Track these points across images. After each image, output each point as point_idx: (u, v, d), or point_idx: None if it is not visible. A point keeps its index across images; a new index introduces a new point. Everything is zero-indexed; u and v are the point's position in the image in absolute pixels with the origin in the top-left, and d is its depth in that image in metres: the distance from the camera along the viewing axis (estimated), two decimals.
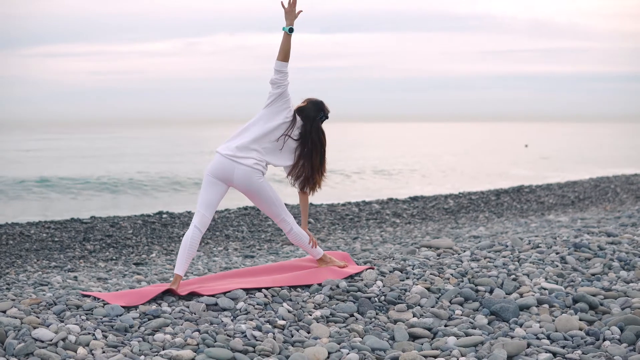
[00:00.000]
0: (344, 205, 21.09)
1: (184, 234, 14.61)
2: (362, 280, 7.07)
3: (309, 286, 6.92)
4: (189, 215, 18.00)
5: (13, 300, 6.52)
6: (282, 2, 6.89)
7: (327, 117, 7.14)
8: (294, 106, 7.08)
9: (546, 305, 6.62)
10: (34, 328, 5.50)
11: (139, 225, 16.20)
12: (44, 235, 14.69)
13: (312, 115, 7.08)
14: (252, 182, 6.84)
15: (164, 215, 17.95)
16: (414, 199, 22.77)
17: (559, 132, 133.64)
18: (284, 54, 6.87)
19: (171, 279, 8.54)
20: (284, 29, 6.87)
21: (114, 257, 12.68)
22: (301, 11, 6.90)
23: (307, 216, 7.51)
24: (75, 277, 9.96)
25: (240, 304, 6.33)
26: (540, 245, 8.49)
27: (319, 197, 24.25)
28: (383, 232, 15.65)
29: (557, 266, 7.70)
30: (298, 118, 7.04)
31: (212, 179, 6.88)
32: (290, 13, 6.87)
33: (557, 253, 8.11)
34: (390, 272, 7.31)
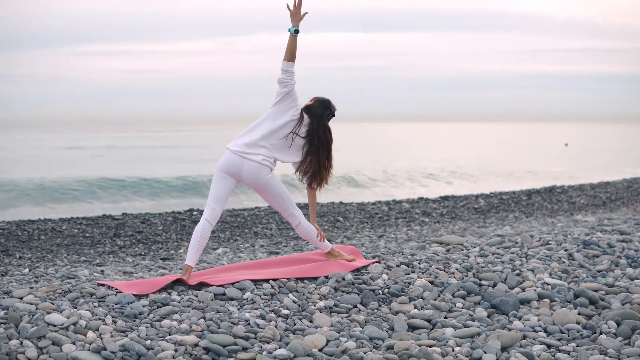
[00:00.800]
0: (374, 204, 21.28)
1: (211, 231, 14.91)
2: (368, 273, 7.29)
3: (316, 278, 7.16)
4: None
5: (31, 288, 6.82)
6: (287, 4, 7.13)
7: (333, 115, 7.37)
8: (302, 104, 7.32)
9: (547, 300, 6.79)
10: (48, 313, 5.79)
11: (169, 221, 16.51)
12: (75, 230, 15.04)
13: (319, 113, 7.31)
14: (261, 177, 7.09)
15: (195, 213, 18.25)
16: (445, 198, 22.89)
17: (598, 132, 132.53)
18: (290, 54, 7.11)
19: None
20: (289, 30, 7.10)
21: (143, 253, 12.99)
22: (306, 13, 7.14)
23: (315, 211, 7.73)
24: (102, 270, 10.24)
25: (247, 294, 6.59)
26: (550, 242, 8.64)
27: (349, 196, 24.30)
28: (409, 231, 15.81)
29: (563, 262, 7.84)
30: (305, 116, 7.28)
31: (222, 174, 7.16)
32: (296, 15, 7.12)
33: (565, 250, 8.26)
34: (397, 266, 7.52)
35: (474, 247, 8.46)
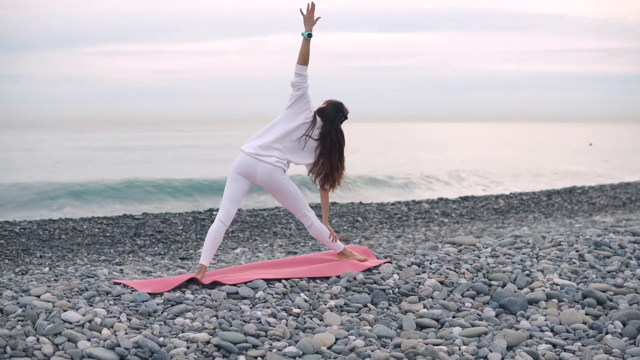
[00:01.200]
0: (393, 204, 21.38)
1: (230, 231, 15.09)
2: (379, 273, 7.42)
3: (328, 278, 7.29)
4: (239, 212, 18.42)
5: (49, 286, 6.99)
6: (300, 8, 7.27)
7: (346, 118, 7.50)
8: (315, 107, 7.46)
9: (555, 300, 6.89)
10: (64, 311, 5.96)
11: (189, 221, 16.67)
12: (96, 230, 15.23)
13: (332, 116, 7.44)
14: (274, 178, 7.24)
15: (214, 212, 18.40)
16: (464, 198, 22.95)
17: (626, 132, 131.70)
18: (304, 58, 7.26)
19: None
20: (302, 34, 7.26)
21: (162, 252, 13.15)
22: (319, 17, 7.27)
23: (328, 212, 7.85)
24: (122, 269, 10.40)
25: (260, 293, 6.73)
26: (562, 243, 8.73)
27: (370, 197, 24.34)
28: (428, 231, 15.89)
29: (574, 263, 7.93)
30: (318, 119, 7.41)
31: (236, 175, 7.31)
32: (309, 19, 7.27)
33: (577, 251, 8.34)
34: (408, 266, 7.64)
35: (486, 248, 8.57)
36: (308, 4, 7.31)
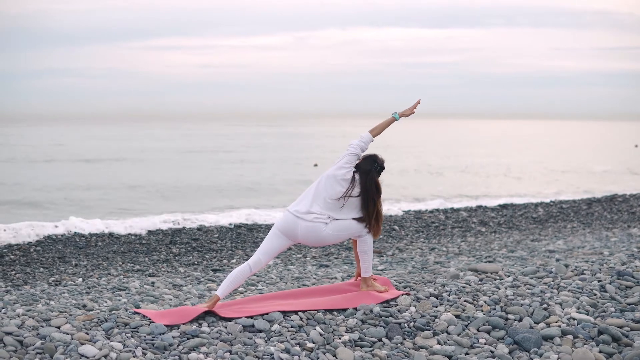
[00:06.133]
0: (431, 212, 21.39)
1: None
2: (396, 305, 7.49)
3: (345, 310, 7.37)
4: (274, 220, 18.52)
5: (70, 315, 7.14)
6: (419, 100, 7.85)
7: (382, 168, 7.77)
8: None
9: (570, 336, 6.91)
10: (82, 344, 6.11)
11: (225, 229, 16.83)
12: (132, 237, 15.44)
13: (368, 168, 7.69)
14: (315, 235, 7.58)
15: (251, 220, 18.56)
16: (504, 206, 22.88)
17: None
18: (378, 133, 7.77)
19: (240, 288, 9.14)
20: (394, 115, 7.74)
21: (196, 262, 13.30)
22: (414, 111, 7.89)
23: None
24: (153, 282, 10.55)
25: (275, 326, 6.84)
26: (585, 272, 8.73)
27: (407, 205, 24.32)
28: (463, 242, 15.90)
29: (595, 295, 7.93)
30: (356, 176, 7.65)
31: (277, 232, 7.65)
32: (409, 111, 7.82)
33: (599, 281, 8.34)
34: (426, 297, 7.70)
35: (508, 277, 8.59)
36: (419, 100, 7.83)
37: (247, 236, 16.16)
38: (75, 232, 15.81)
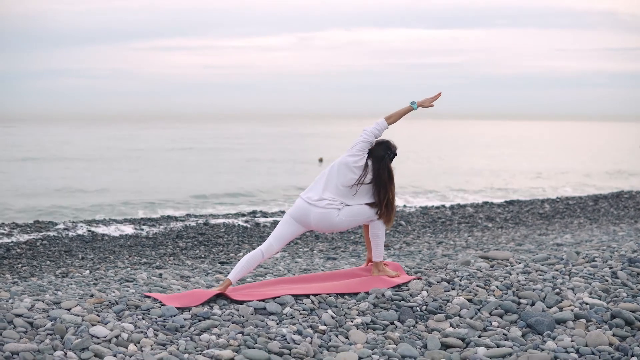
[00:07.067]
0: (437, 208, 21.37)
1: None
2: (408, 290, 7.44)
3: (356, 294, 7.33)
4: (281, 215, 18.49)
5: (80, 299, 7.10)
6: (440, 93, 7.74)
7: (395, 155, 7.69)
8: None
9: (583, 320, 6.86)
10: (93, 325, 6.07)
11: (231, 224, 16.80)
12: (139, 232, 15.41)
13: (381, 155, 7.62)
14: (329, 221, 7.52)
15: (257, 214, 18.53)
16: (510, 202, 22.86)
17: None
18: (394, 121, 7.63)
19: (248, 280, 9.07)
20: (412, 104, 7.63)
21: (203, 255, 13.27)
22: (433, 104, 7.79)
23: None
24: (160, 274, 10.51)
25: (287, 309, 6.79)
26: (595, 259, 8.67)
27: (414, 201, 24.25)
28: (470, 237, 15.88)
29: (606, 281, 7.87)
30: (369, 162, 7.58)
31: (290, 220, 7.59)
32: (427, 102, 7.71)
33: (610, 268, 8.28)
34: (437, 282, 7.65)
35: (519, 264, 8.54)
36: (440, 93, 7.73)
37: (254, 230, 16.14)
38: (81, 226, 15.79)
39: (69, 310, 6.47)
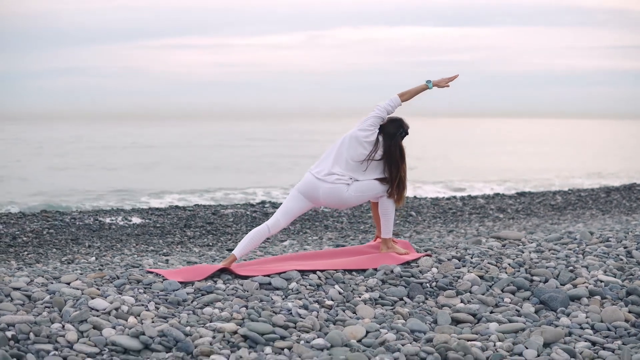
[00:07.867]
0: (448, 199, 21.16)
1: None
2: (417, 266, 7.26)
3: (364, 270, 7.15)
4: None
5: (80, 274, 6.95)
6: (457, 74, 7.59)
7: (407, 133, 7.52)
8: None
9: (598, 297, 6.67)
10: (92, 298, 5.90)
11: (240, 213, 16.63)
12: (147, 221, 15.25)
13: (392, 132, 7.47)
14: (339, 196, 7.37)
15: (266, 205, 18.36)
16: (521, 194, 22.62)
17: None
18: (408, 98, 7.49)
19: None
20: (427, 82, 7.47)
21: (211, 244, 13.10)
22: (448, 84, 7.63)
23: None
24: (167, 260, 10.37)
25: (293, 284, 6.62)
26: (610, 239, 8.48)
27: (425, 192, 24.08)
28: (481, 226, 15.68)
29: (621, 260, 7.69)
30: (380, 139, 7.39)
31: (297, 194, 7.45)
32: (445, 82, 7.56)
33: (625, 247, 8.10)
34: (448, 259, 7.46)
35: (531, 243, 8.35)
36: (457, 75, 7.59)
37: (263, 220, 15.92)
38: (89, 216, 15.63)
39: (68, 284, 6.31)
